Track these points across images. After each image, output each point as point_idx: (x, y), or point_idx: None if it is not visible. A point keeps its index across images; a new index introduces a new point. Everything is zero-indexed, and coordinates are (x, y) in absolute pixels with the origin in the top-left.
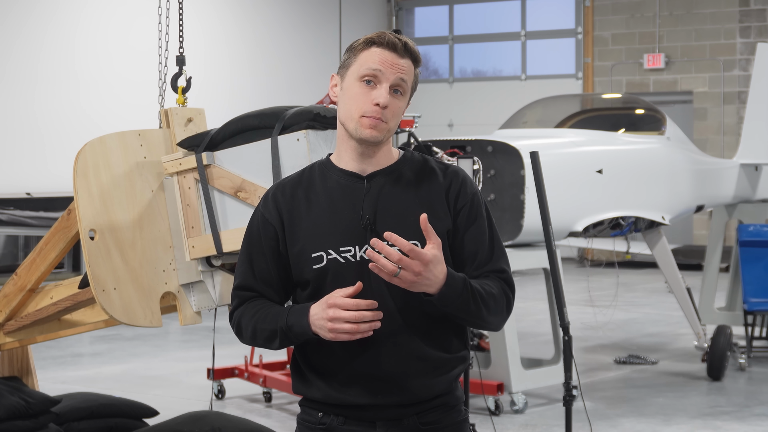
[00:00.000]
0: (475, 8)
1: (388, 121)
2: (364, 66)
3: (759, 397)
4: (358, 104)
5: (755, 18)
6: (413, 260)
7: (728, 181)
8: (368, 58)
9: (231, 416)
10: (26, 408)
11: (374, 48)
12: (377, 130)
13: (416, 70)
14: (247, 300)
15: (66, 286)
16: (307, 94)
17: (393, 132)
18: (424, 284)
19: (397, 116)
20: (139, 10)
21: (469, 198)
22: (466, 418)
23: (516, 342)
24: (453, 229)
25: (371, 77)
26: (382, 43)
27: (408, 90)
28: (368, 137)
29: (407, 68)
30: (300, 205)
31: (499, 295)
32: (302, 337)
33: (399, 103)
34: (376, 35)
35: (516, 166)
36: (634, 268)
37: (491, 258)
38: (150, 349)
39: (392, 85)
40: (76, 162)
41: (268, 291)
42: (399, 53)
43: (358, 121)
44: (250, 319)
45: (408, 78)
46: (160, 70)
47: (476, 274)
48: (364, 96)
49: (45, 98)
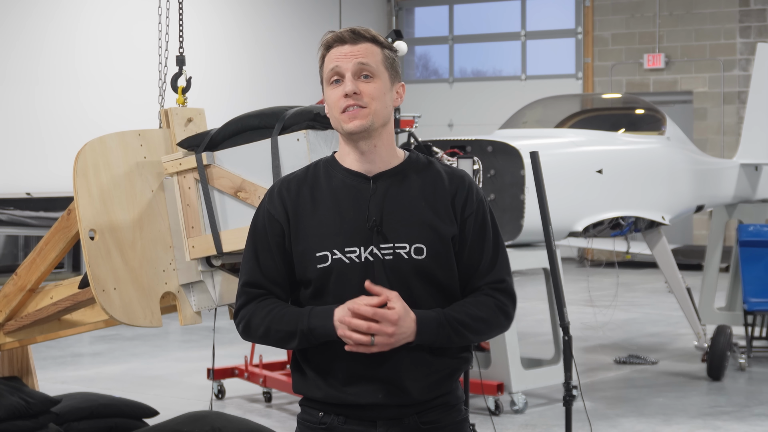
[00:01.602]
0: (475, 8)
1: (368, 105)
2: (326, 71)
3: (759, 397)
4: (335, 105)
5: (755, 18)
6: (382, 324)
7: (728, 181)
8: (328, 62)
9: (231, 416)
10: (26, 408)
11: (331, 50)
12: (359, 117)
13: (384, 50)
14: (255, 297)
15: (66, 286)
16: (307, 94)
17: (382, 115)
18: (401, 340)
19: (378, 98)
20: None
21: (475, 207)
22: (467, 417)
23: (516, 342)
24: (460, 238)
25: (335, 76)
26: (333, 42)
27: (378, 71)
28: (354, 128)
29: (364, 51)
30: (305, 204)
31: (491, 315)
32: (325, 338)
33: (372, 84)
34: (327, 38)
35: (516, 166)
36: (634, 268)
37: (493, 268)
38: (150, 349)
39: (354, 72)
40: (76, 162)
41: (275, 288)
42: (350, 41)
43: (339, 119)
44: (263, 319)
45: (370, 59)
46: (160, 70)
47: (476, 285)
48: (335, 95)
49: (45, 98)
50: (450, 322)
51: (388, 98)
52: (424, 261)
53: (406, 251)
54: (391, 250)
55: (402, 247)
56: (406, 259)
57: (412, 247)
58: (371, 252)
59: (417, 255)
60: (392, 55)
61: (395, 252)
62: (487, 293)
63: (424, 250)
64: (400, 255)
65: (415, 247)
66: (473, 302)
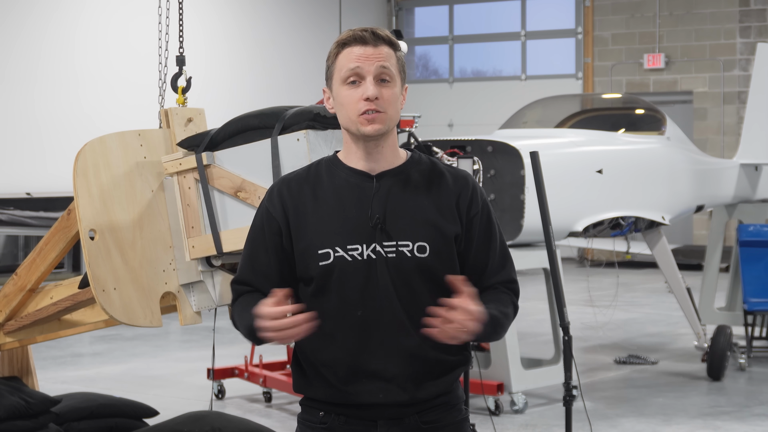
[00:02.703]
0: (475, 8)
1: (385, 110)
2: (343, 69)
3: (759, 397)
4: (352, 106)
5: (755, 18)
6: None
7: (728, 181)
8: (345, 60)
9: (231, 416)
10: (26, 408)
11: (347, 48)
12: (377, 122)
13: (397, 53)
14: (241, 294)
15: (66, 286)
16: (307, 94)
17: (395, 120)
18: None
19: (394, 103)
20: (139, 10)
21: (480, 207)
22: (467, 417)
23: (516, 342)
24: (465, 239)
25: (354, 77)
26: (351, 41)
27: (395, 75)
28: (371, 132)
29: (385, 54)
30: (307, 202)
31: (511, 312)
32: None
33: (390, 90)
34: (345, 36)
35: (516, 166)
36: (634, 268)
37: (503, 268)
38: (150, 349)
39: (376, 75)
40: (76, 162)
41: (265, 285)
42: (371, 43)
43: (357, 121)
44: (240, 315)
45: (389, 63)
46: (160, 70)
47: (488, 284)
48: (353, 97)
49: (45, 98)
50: (492, 321)
51: (399, 102)
52: (427, 259)
53: (409, 249)
54: (394, 248)
55: (405, 244)
56: (408, 257)
57: (415, 245)
58: (374, 249)
59: (420, 253)
60: (403, 58)
61: (398, 250)
62: (503, 290)
63: (427, 248)
64: (403, 253)
65: (418, 245)
66: (497, 298)
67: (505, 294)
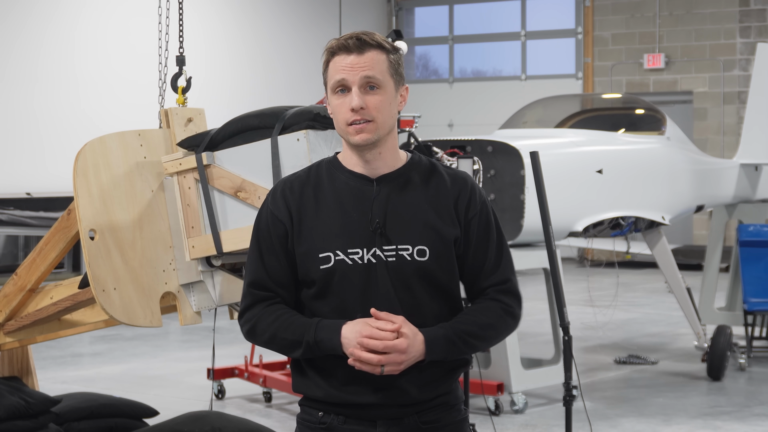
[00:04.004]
0: (475, 8)
1: (374, 119)
2: (332, 79)
3: (759, 397)
4: (341, 116)
5: (755, 18)
6: (392, 355)
7: (728, 181)
8: (333, 70)
9: (231, 416)
10: (26, 408)
11: (335, 57)
12: (366, 131)
13: (390, 55)
14: (262, 300)
15: (66, 286)
16: (307, 94)
17: (388, 125)
18: (411, 363)
19: (383, 109)
20: (138, 9)
21: (478, 208)
22: (466, 417)
23: (516, 342)
24: (464, 240)
25: (341, 86)
26: (337, 50)
27: (384, 81)
28: (360, 142)
29: (370, 61)
30: (309, 204)
31: (498, 320)
32: (331, 352)
33: (378, 96)
34: (332, 45)
35: (516, 166)
36: (634, 268)
37: (498, 269)
38: (150, 349)
39: (361, 85)
40: (76, 162)
41: (280, 290)
42: (356, 51)
43: (346, 131)
44: (269, 325)
45: (375, 70)
46: (160, 70)
47: (484, 285)
48: (342, 106)
49: (45, 98)
50: (459, 335)
51: (393, 107)
52: (427, 263)
53: (409, 253)
54: (394, 252)
55: (405, 248)
56: (408, 260)
57: (414, 248)
58: (374, 254)
59: (420, 257)
60: (397, 59)
61: (398, 254)
62: (492, 297)
63: (426, 252)
64: (403, 257)
65: (417, 248)
66: (479, 309)
67: (492, 302)
